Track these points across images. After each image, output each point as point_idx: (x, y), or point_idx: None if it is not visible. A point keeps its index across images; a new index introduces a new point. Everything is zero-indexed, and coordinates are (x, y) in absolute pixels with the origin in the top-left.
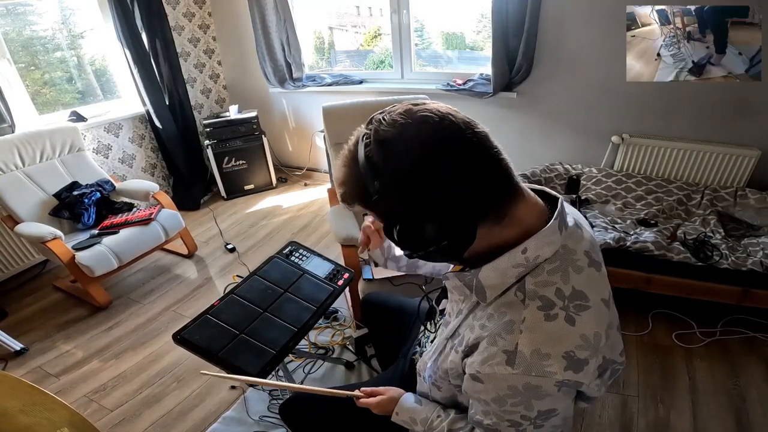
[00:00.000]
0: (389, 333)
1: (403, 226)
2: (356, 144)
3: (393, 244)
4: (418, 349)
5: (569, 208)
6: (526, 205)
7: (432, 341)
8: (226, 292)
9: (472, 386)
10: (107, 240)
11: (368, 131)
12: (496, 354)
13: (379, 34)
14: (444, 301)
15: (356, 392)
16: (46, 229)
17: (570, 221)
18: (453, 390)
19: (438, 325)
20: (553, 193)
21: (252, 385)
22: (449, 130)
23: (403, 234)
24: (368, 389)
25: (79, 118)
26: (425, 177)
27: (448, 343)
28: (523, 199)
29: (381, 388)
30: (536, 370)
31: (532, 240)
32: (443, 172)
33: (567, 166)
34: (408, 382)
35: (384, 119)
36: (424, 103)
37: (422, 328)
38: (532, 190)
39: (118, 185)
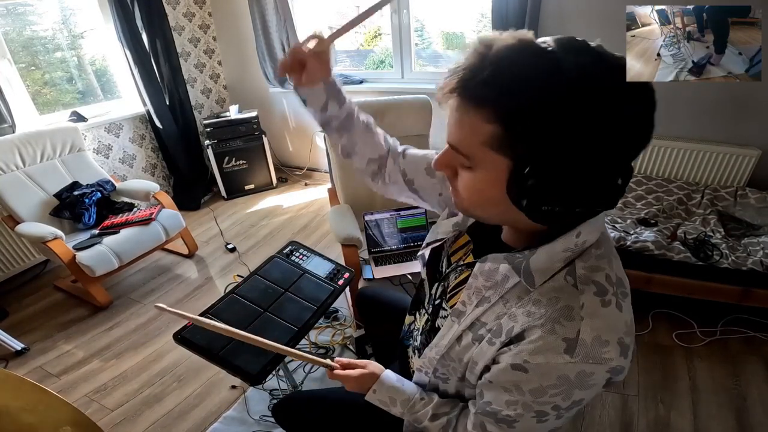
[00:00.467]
0: (386, 329)
1: (560, 176)
2: (522, 49)
3: (336, 84)
4: (416, 342)
5: None
6: None
7: (423, 332)
8: (227, 291)
9: (509, 376)
10: (108, 240)
11: (556, 47)
12: (554, 342)
13: (379, 34)
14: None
15: (330, 362)
16: (46, 229)
17: None
18: (458, 384)
19: (425, 315)
20: None
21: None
22: (647, 107)
23: (554, 182)
24: (344, 360)
25: (80, 118)
26: (619, 140)
27: (467, 334)
28: None
29: (359, 361)
30: (594, 357)
31: (587, 224)
32: (634, 140)
33: None
34: (403, 374)
35: (589, 51)
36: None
37: (412, 318)
38: None
39: (118, 185)
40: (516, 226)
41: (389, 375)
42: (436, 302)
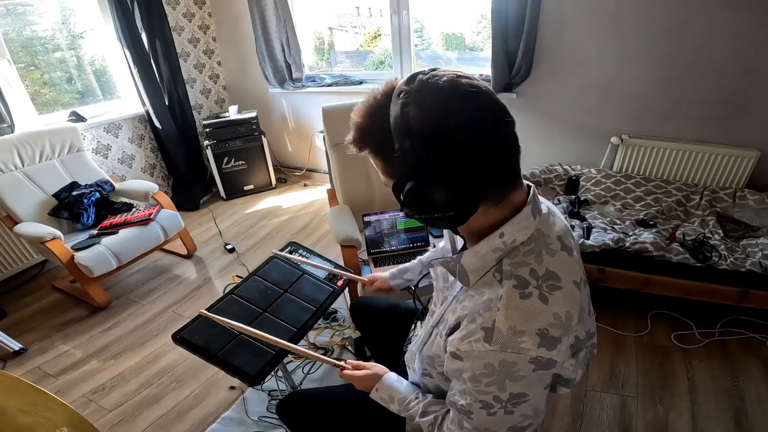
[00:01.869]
0: (383, 335)
1: (418, 188)
2: (387, 96)
3: (398, 278)
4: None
5: (546, 201)
6: (519, 194)
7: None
8: (226, 292)
9: (452, 365)
10: (106, 240)
11: (408, 89)
12: (475, 331)
13: (379, 35)
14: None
15: (342, 363)
16: (45, 230)
17: (543, 208)
18: (440, 378)
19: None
20: (527, 182)
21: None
22: (493, 109)
23: (414, 195)
24: (354, 362)
25: (79, 118)
26: (458, 148)
27: (434, 330)
28: (519, 187)
29: (367, 363)
30: (512, 347)
31: (508, 225)
32: (476, 147)
33: (566, 166)
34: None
35: (429, 82)
36: (469, 77)
37: (412, 326)
38: None
39: (117, 185)
40: (459, 231)
41: (390, 376)
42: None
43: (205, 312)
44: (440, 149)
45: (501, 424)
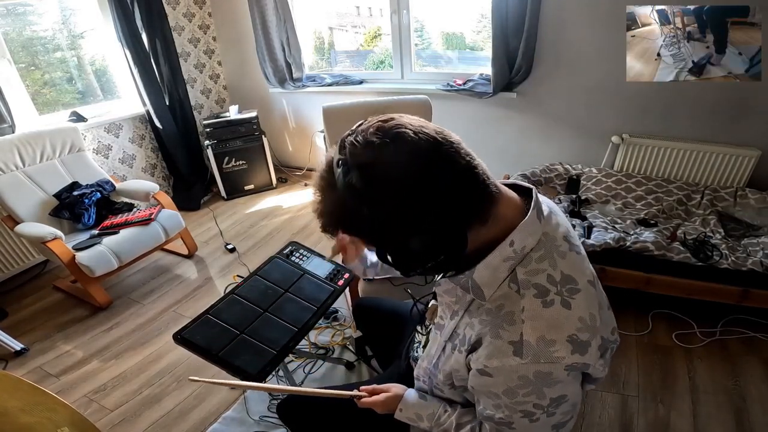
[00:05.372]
0: (384, 335)
1: (397, 248)
2: (329, 170)
3: (368, 252)
4: (416, 353)
5: (545, 199)
6: (505, 203)
7: (424, 346)
8: (227, 292)
9: (480, 381)
10: (107, 240)
11: (342, 156)
12: (502, 346)
13: (379, 35)
14: (432, 302)
15: (357, 392)
16: (46, 230)
17: (545, 209)
18: (455, 392)
19: (428, 329)
20: (526, 184)
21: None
22: (427, 145)
23: (398, 256)
24: (369, 387)
25: (80, 118)
26: (412, 196)
27: (448, 344)
28: (501, 197)
29: (383, 386)
30: (545, 357)
31: (516, 232)
32: (429, 189)
33: (567, 166)
34: (406, 382)
35: (358, 141)
36: (393, 118)
37: (415, 331)
38: (505, 185)
39: (118, 185)
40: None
41: (411, 394)
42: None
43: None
44: (395, 202)
45: (544, 426)
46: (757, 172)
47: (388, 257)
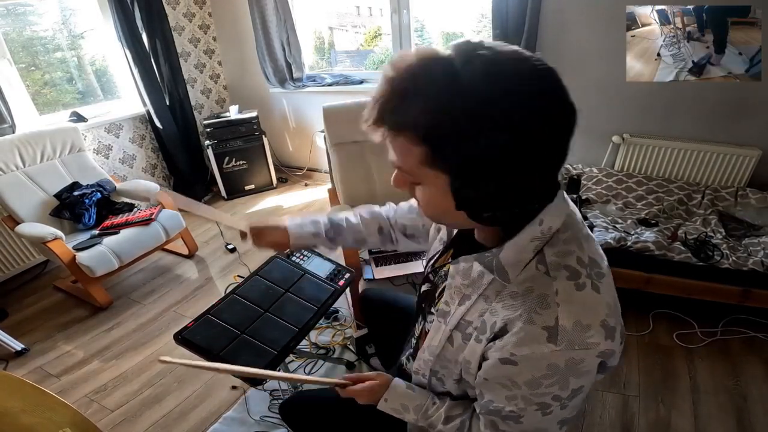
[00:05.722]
0: (388, 330)
1: (496, 180)
2: (427, 63)
3: (304, 228)
4: (404, 358)
5: None
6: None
7: (417, 338)
8: (227, 292)
9: (500, 372)
10: (108, 240)
11: (462, 53)
12: (535, 332)
13: (379, 34)
14: (425, 287)
15: (339, 380)
16: (46, 230)
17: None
18: (458, 386)
19: (421, 324)
20: None
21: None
22: (562, 92)
23: (490, 188)
24: (353, 375)
25: (80, 118)
26: (538, 132)
27: (455, 334)
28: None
29: (369, 374)
30: (579, 343)
31: (547, 211)
32: (553, 134)
33: (567, 165)
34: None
35: (490, 49)
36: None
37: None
38: None
39: (118, 185)
40: (483, 227)
41: (399, 382)
42: (425, 308)
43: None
44: (531, 136)
45: (552, 421)
46: (758, 172)
47: (465, 190)
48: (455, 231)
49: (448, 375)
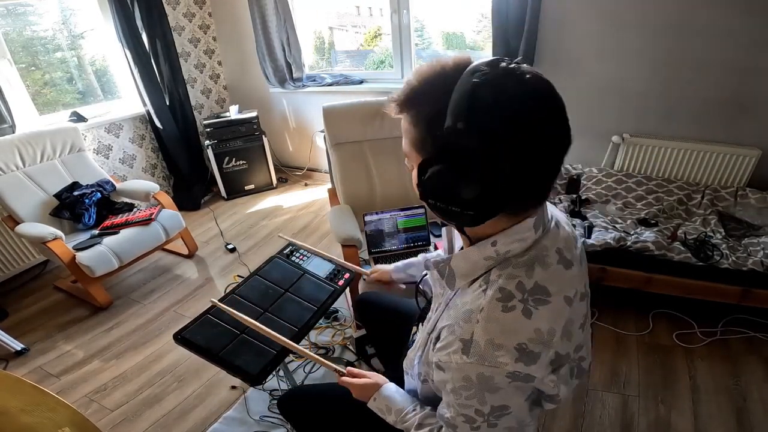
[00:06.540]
0: (386, 333)
1: (449, 174)
2: (457, 69)
3: (401, 272)
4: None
5: (555, 210)
6: (538, 210)
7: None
8: (227, 292)
9: (437, 376)
10: (108, 240)
11: (489, 71)
12: (453, 342)
13: (379, 34)
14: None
15: (342, 369)
16: (46, 230)
17: (552, 223)
18: (427, 388)
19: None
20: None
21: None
22: (565, 124)
23: (441, 179)
24: (355, 370)
25: (80, 118)
26: (518, 149)
27: (430, 337)
28: (542, 205)
29: (367, 372)
30: (489, 360)
31: (503, 235)
32: (535, 156)
33: (567, 166)
34: (402, 383)
35: (515, 73)
36: (549, 83)
37: (413, 329)
38: None
39: (118, 185)
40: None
41: (389, 386)
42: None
43: (216, 301)
44: (498, 145)
45: None
46: (758, 172)
47: (428, 171)
48: (458, 246)
49: (428, 375)
